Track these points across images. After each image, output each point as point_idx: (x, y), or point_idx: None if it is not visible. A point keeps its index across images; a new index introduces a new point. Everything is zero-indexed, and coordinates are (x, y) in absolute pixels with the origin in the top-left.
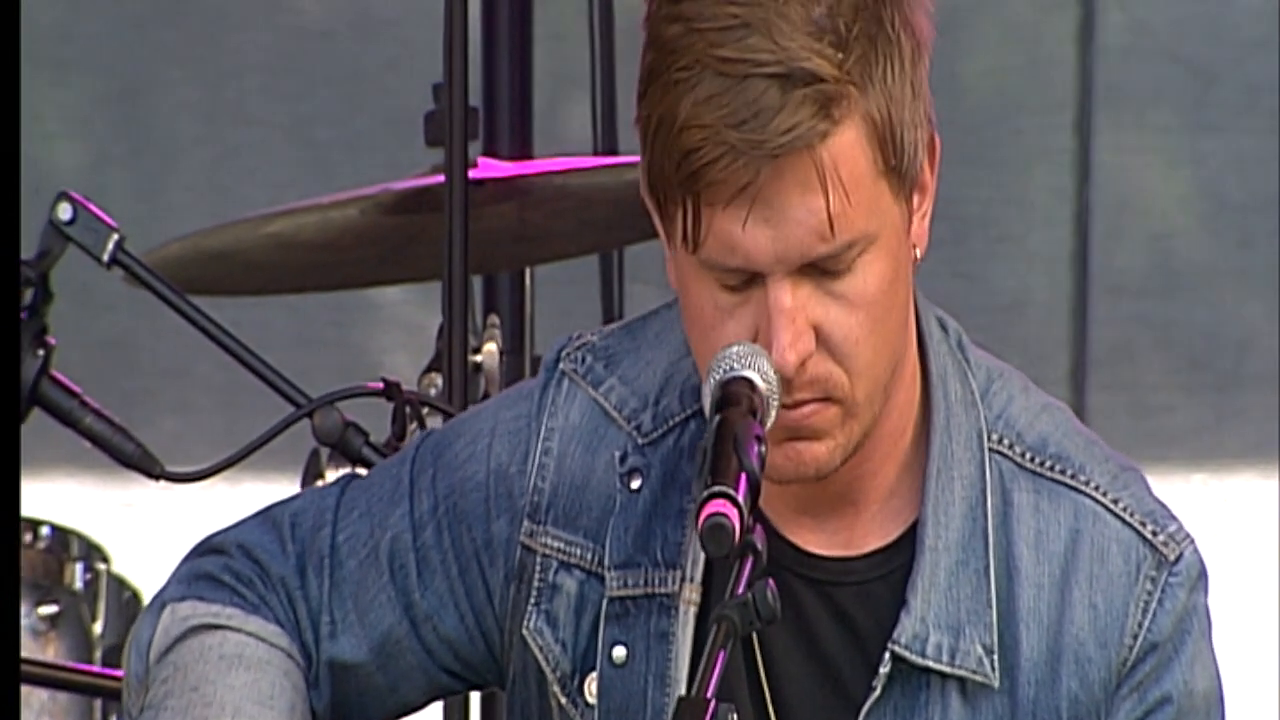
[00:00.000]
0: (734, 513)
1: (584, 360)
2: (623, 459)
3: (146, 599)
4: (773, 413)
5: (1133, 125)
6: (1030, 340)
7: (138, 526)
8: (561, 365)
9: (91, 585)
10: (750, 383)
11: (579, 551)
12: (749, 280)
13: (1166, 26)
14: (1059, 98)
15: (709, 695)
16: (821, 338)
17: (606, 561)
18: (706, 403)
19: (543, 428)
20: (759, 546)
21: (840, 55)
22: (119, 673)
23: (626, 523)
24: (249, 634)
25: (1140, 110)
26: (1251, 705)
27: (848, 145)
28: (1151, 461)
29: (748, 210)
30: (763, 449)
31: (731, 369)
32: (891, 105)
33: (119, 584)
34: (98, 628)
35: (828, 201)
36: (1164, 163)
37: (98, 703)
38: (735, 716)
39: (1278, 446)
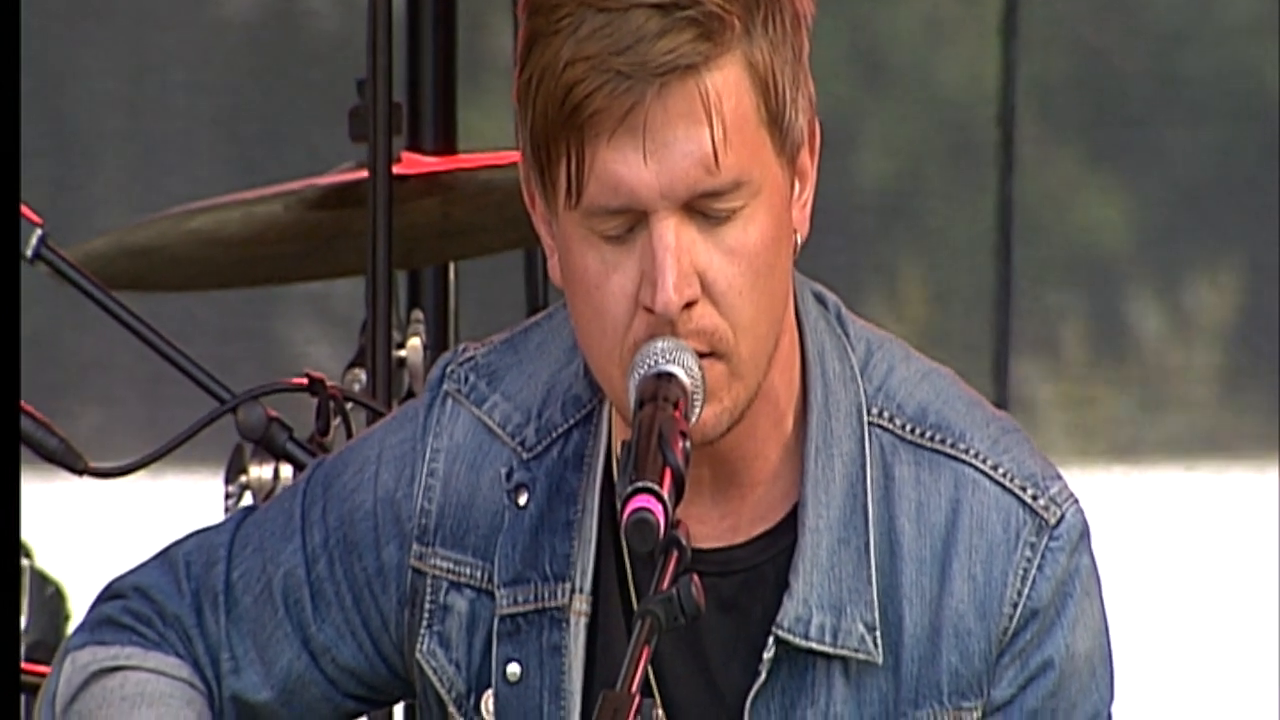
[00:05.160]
0: (659, 508)
1: (467, 379)
2: (509, 475)
3: (70, 594)
4: (697, 408)
5: (1055, 118)
6: (953, 333)
7: (60, 521)
8: (445, 385)
9: None
10: (675, 378)
11: (468, 570)
12: (632, 228)
13: (1088, 19)
14: (981, 90)
15: (634, 690)
16: (706, 285)
17: (496, 579)
18: (631, 396)
19: (428, 449)
20: (683, 542)
21: None
22: (43, 668)
23: (514, 539)
24: (149, 670)
25: (1063, 103)
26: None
27: (731, 82)
28: (1074, 454)
29: (631, 140)
30: (687, 444)
31: (656, 364)
32: (774, 56)
33: (42, 579)
34: (21, 623)
35: (711, 131)
36: (1086, 155)
37: (20, 697)
38: (660, 713)
39: (1198, 440)
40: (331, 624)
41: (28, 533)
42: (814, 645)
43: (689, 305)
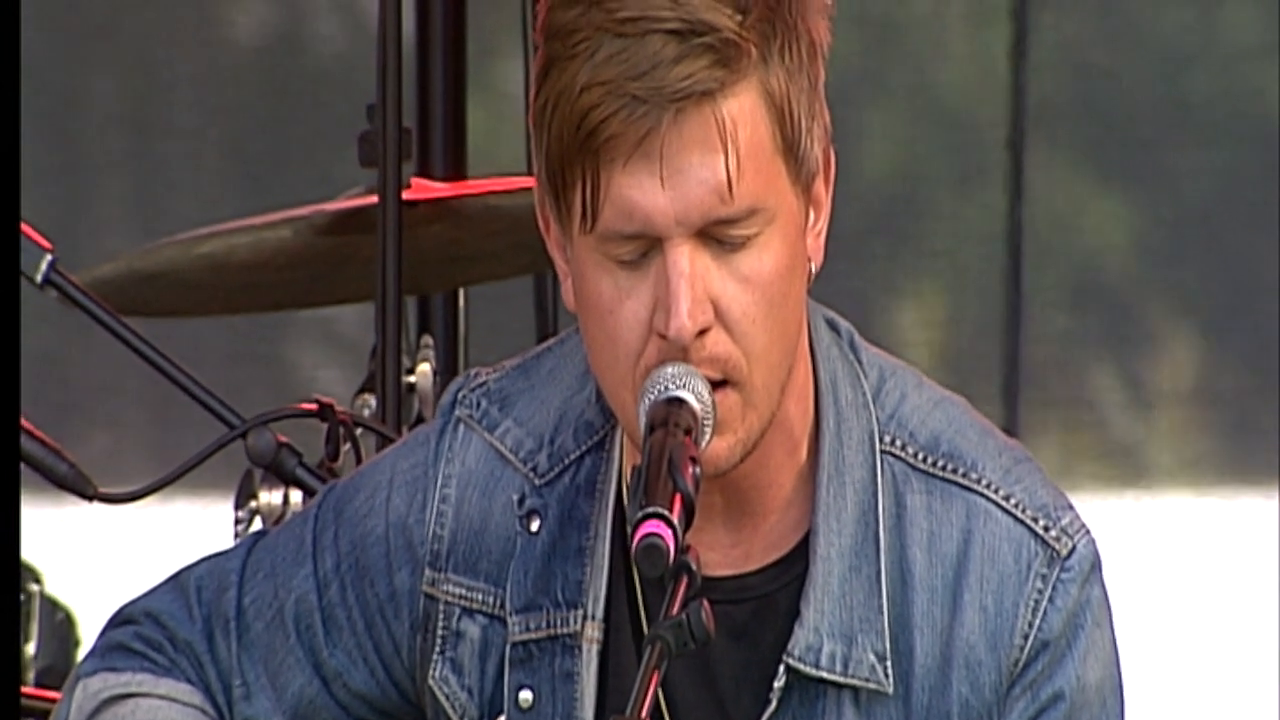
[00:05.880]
0: (669, 534)
1: (479, 404)
2: (520, 501)
3: (79, 619)
4: (707, 434)
5: (1065, 142)
6: (963, 357)
7: (70, 546)
8: (457, 411)
9: (24, 606)
10: (685, 403)
11: (480, 596)
12: (646, 253)
13: (1098, 43)
14: (991, 114)
15: (644, 716)
16: (720, 313)
17: (508, 605)
18: (641, 422)
19: (440, 475)
20: (694, 567)
21: (740, 17)
22: (53, 694)
23: (526, 565)
24: (160, 697)
25: (1072, 127)
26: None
27: (747, 110)
28: (1083, 478)
29: (646, 166)
30: (697, 470)
31: (666, 389)
32: (790, 84)
33: (52, 605)
34: (30, 649)
35: (726, 158)
36: (1096, 179)
37: None
38: None
39: (1209, 465)
40: (343, 649)
41: (38, 558)
42: (825, 674)
43: (702, 332)
